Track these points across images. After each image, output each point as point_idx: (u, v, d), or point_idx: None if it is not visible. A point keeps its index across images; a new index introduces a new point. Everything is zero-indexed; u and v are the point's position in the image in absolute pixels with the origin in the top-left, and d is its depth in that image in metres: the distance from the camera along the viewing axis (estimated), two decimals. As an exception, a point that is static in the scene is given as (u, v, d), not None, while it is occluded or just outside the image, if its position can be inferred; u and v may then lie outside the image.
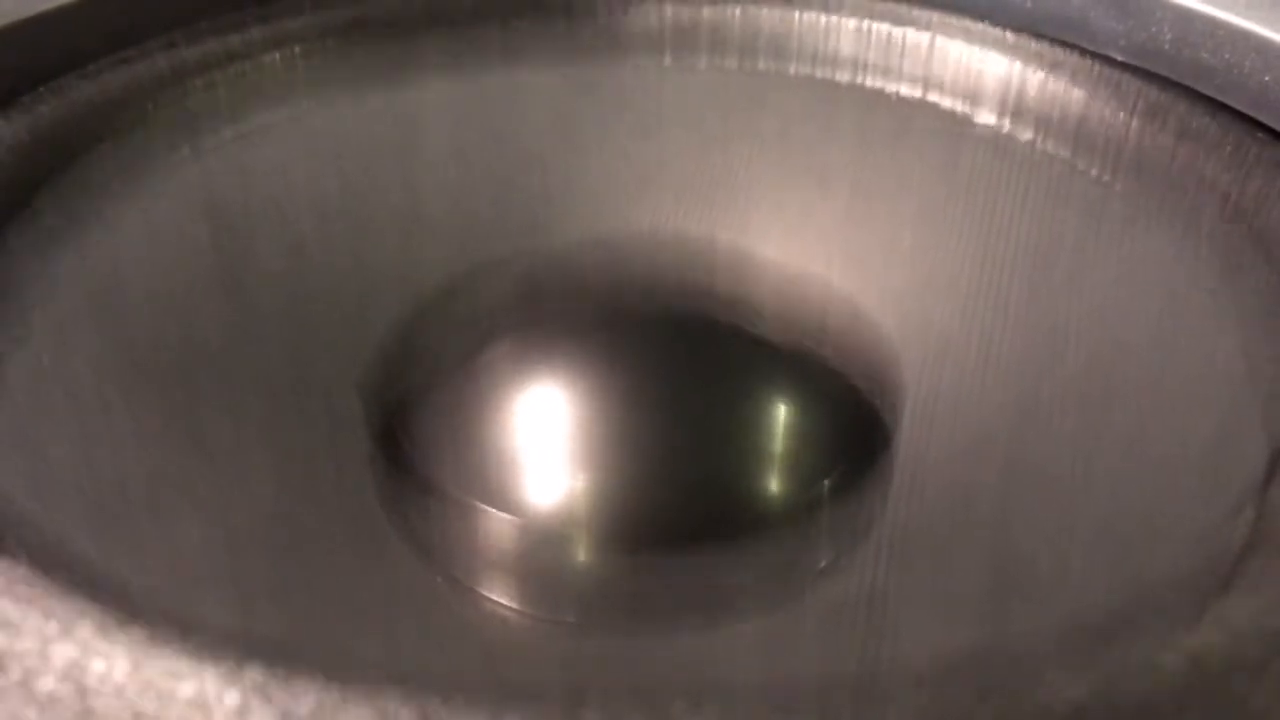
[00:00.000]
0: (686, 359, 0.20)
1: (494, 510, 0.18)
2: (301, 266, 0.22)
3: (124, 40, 0.23)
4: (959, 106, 0.23)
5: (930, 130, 0.23)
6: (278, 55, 0.23)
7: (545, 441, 0.20)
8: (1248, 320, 0.18)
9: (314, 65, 0.24)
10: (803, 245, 0.22)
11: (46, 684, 0.11)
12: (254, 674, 0.11)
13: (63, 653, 0.11)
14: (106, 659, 0.11)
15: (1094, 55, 0.24)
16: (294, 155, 0.23)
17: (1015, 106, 0.23)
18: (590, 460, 0.19)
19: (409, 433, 0.20)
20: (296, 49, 0.24)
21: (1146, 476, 0.16)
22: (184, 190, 0.21)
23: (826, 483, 0.18)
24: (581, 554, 0.18)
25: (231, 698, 0.11)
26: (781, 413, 0.20)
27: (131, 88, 0.22)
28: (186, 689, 0.11)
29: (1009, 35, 0.23)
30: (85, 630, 0.11)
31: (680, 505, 0.18)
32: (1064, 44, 0.24)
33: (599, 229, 0.23)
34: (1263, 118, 0.22)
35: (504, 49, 0.25)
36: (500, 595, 0.18)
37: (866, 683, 0.12)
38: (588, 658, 0.16)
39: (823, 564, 0.18)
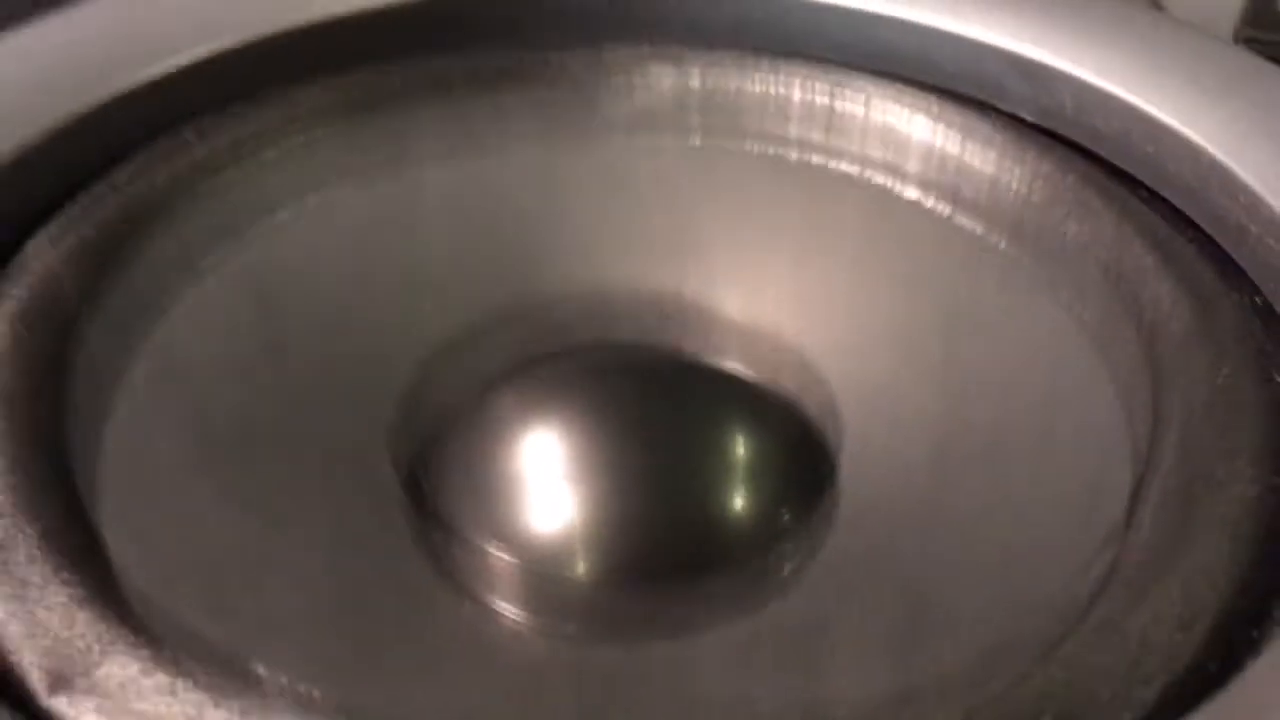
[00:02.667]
0: (660, 403, 0.24)
1: (503, 549, 0.22)
2: (327, 334, 0.25)
3: (159, 128, 0.26)
4: (888, 182, 0.27)
5: (864, 202, 0.26)
6: (300, 139, 0.27)
7: (544, 482, 0.23)
8: (1121, 381, 0.21)
9: (326, 145, 0.27)
10: (756, 300, 0.26)
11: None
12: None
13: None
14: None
15: (1008, 115, 0.28)
16: (315, 234, 0.26)
17: (936, 181, 0.26)
18: (584, 496, 0.23)
19: (431, 482, 0.23)
20: (311, 132, 0.27)
21: (1033, 517, 0.20)
22: (226, 274, 0.24)
23: (783, 513, 0.22)
24: (578, 580, 0.22)
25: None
26: (749, 453, 0.24)
27: (172, 178, 0.25)
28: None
29: (933, 103, 0.27)
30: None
31: (659, 536, 0.22)
32: (981, 104, 0.28)
33: (581, 285, 0.26)
34: (1144, 179, 0.26)
35: (493, 119, 0.28)
36: (515, 614, 0.22)
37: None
38: (587, 667, 0.20)
39: (779, 581, 0.22)
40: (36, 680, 0.16)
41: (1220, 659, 0.16)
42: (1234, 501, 0.18)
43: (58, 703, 0.16)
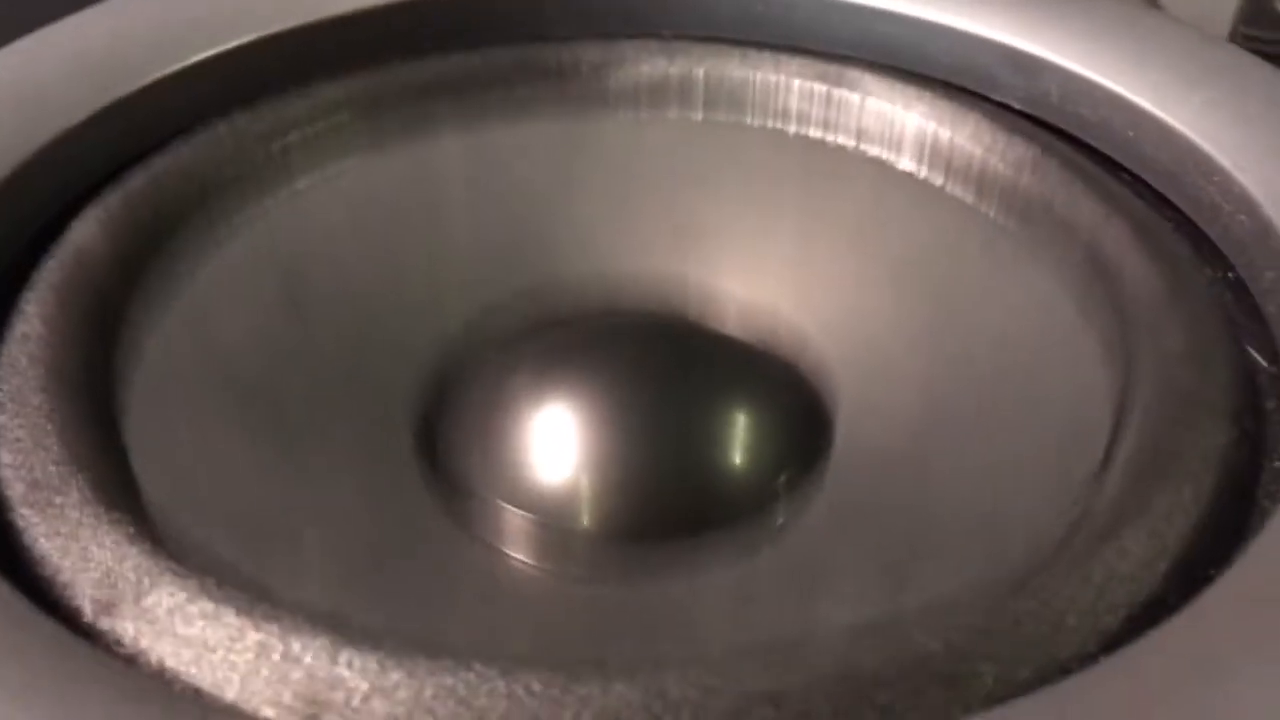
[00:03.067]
0: (665, 372, 0.25)
1: (512, 503, 0.24)
2: (350, 303, 0.26)
3: (190, 118, 0.28)
4: (884, 154, 0.28)
5: (860, 175, 0.28)
6: (322, 125, 0.28)
7: (551, 440, 0.25)
8: (1102, 342, 0.23)
9: (349, 131, 0.29)
10: (757, 273, 0.27)
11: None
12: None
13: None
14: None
15: (997, 104, 0.29)
16: (338, 210, 0.27)
17: (930, 155, 0.28)
18: (593, 457, 0.24)
19: (444, 441, 0.25)
20: (334, 119, 0.28)
21: (1017, 468, 0.22)
22: (255, 245, 0.26)
23: (783, 467, 0.24)
24: (585, 530, 0.23)
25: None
26: (749, 411, 0.25)
27: (204, 160, 0.26)
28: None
29: (926, 93, 0.28)
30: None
31: (669, 489, 0.23)
32: (972, 94, 0.29)
33: (590, 264, 0.28)
34: (1125, 163, 0.27)
35: (507, 106, 0.30)
36: (524, 560, 0.23)
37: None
38: (594, 604, 0.21)
39: (776, 530, 0.23)
40: (88, 607, 0.17)
41: (1180, 593, 0.17)
42: (1199, 453, 0.19)
43: (106, 624, 0.17)
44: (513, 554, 0.23)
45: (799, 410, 0.25)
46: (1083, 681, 0.15)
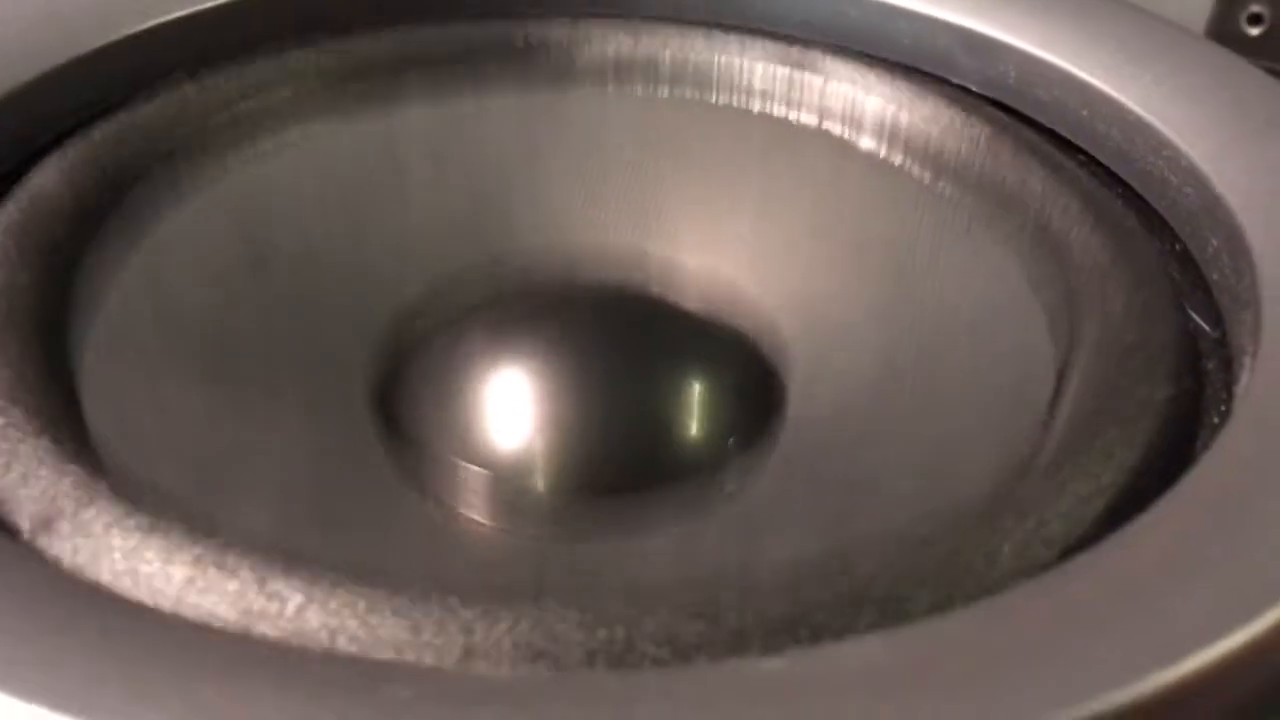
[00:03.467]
0: (622, 340, 0.26)
1: (466, 460, 0.24)
2: (310, 263, 0.27)
3: (158, 77, 0.28)
4: (845, 133, 0.29)
5: (822, 152, 0.28)
6: (287, 91, 0.28)
7: (507, 402, 0.25)
8: (1049, 306, 0.23)
9: (314, 98, 0.29)
10: (716, 246, 0.28)
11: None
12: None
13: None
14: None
15: (956, 86, 0.30)
16: (301, 172, 0.28)
17: (889, 135, 0.28)
18: (546, 416, 0.24)
19: (401, 401, 0.25)
20: (300, 85, 0.29)
21: (964, 423, 0.22)
22: (216, 202, 0.26)
23: (734, 430, 0.24)
24: (538, 490, 0.23)
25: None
26: (699, 376, 0.25)
27: (169, 117, 0.27)
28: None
29: (886, 75, 0.29)
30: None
31: (619, 448, 0.24)
32: (932, 77, 0.30)
33: (554, 237, 0.28)
34: (1081, 143, 0.28)
35: (472, 82, 0.30)
36: (477, 517, 0.23)
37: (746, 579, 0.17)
38: (548, 560, 0.21)
39: (728, 489, 0.23)
40: (26, 524, 0.17)
41: (1112, 530, 0.17)
42: (1137, 405, 0.20)
43: (45, 541, 0.17)
44: (461, 508, 0.23)
45: (751, 375, 0.25)
46: (1005, 600, 0.15)
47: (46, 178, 0.24)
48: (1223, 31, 0.46)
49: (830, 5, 0.31)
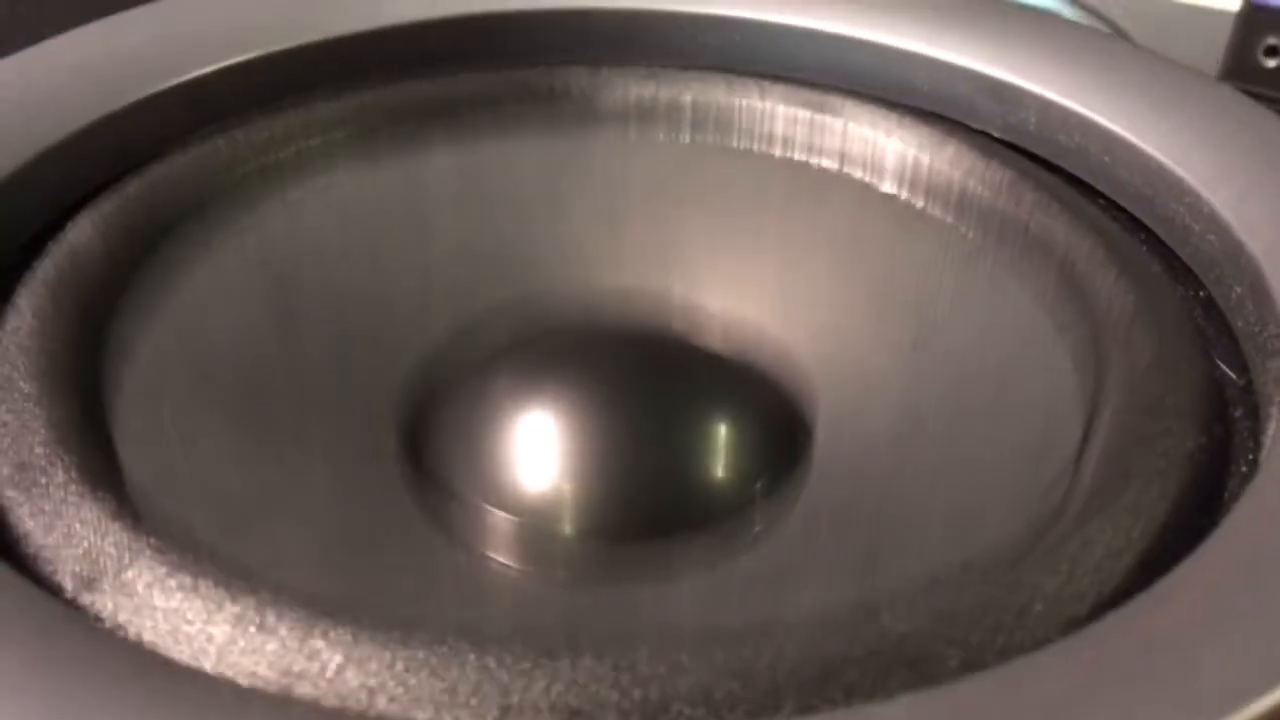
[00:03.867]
0: (646, 384, 0.26)
1: (494, 505, 0.24)
2: (339, 310, 0.27)
3: (187, 131, 0.28)
4: (866, 177, 0.29)
5: (843, 196, 0.29)
6: (315, 140, 0.29)
7: (534, 446, 0.25)
8: (1075, 352, 0.23)
9: (341, 147, 0.29)
10: (741, 291, 0.28)
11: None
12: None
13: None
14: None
15: (977, 132, 0.30)
16: (329, 221, 0.28)
17: (911, 179, 0.28)
18: (573, 460, 0.25)
19: (429, 445, 0.25)
20: (327, 134, 0.29)
21: (990, 470, 0.22)
22: (246, 251, 0.26)
23: (760, 474, 0.24)
24: (565, 535, 0.24)
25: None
26: (726, 420, 0.26)
27: (199, 170, 0.27)
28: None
29: (907, 120, 0.29)
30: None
31: (646, 492, 0.24)
32: (952, 122, 0.30)
33: (578, 280, 0.28)
34: (1101, 188, 0.28)
35: (495, 126, 0.30)
36: (504, 561, 0.23)
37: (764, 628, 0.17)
38: (577, 608, 0.21)
39: (756, 533, 0.23)
40: (69, 583, 0.18)
41: (1145, 585, 0.18)
42: (1166, 455, 0.20)
43: (88, 599, 0.17)
44: (489, 552, 0.23)
45: (776, 419, 0.25)
46: (1038, 659, 0.15)
47: (81, 232, 0.24)
48: (1240, 63, 0.46)
49: (849, 52, 0.31)
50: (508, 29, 0.32)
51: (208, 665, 0.16)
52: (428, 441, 0.25)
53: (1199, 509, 0.19)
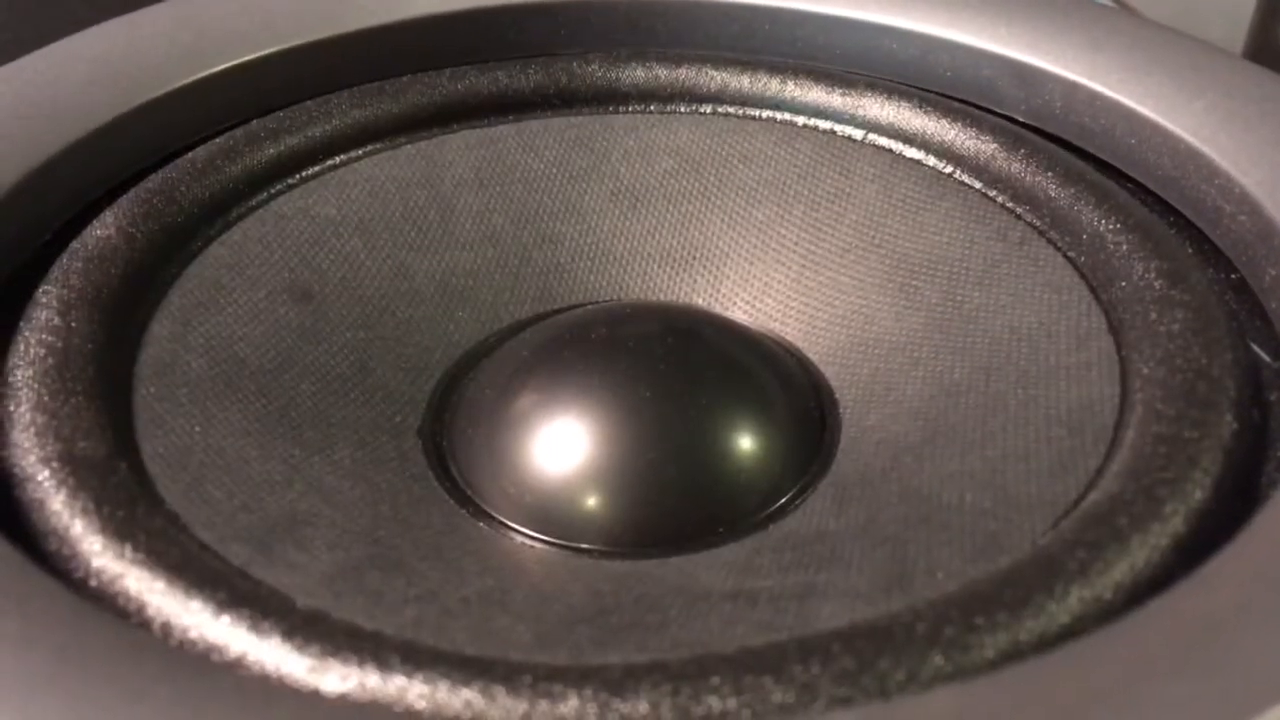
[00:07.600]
0: (671, 391, 0.25)
1: (521, 489, 0.24)
2: (362, 305, 0.27)
3: (208, 126, 0.28)
4: (893, 145, 0.28)
5: (870, 165, 0.28)
6: (336, 136, 0.29)
7: (561, 458, 0.24)
8: (1107, 341, 0.23)
9: (363, 142, 0.29)
10: (766, 268, 0.28)
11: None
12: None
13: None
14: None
15: (1002, 116, 0.30)
16: (350, 216, 0.28)
17: (938, 155, 0.28)
18: (597, 467, 0.24)
19: (457, 461, 0.25)
20: (349, 129, 0.29)
21: (1022, 440, 0.22)
22: (270, 249, 0.26)
23: (791, 447, 0.24)
24: (593, 508, 0.23)
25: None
26: (752, 404, 0.25)
27: (219, 164, 0.27)
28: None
29: (931, 105, 0.29)
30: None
31: (675, 483, 0.23)
32: (978, 106, 0.30)
33: (601, 292, 0.28)
34: (1128, 170, 0.27)
35: (517, 133, 0.30)
36: (531, 538, 0.23)
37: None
38: (599, 570, 0.21)
39: (781, 505, 0.23)
40: (92, 580, 0.18)
41: (1186, 572, 0.17)
42: (1203, 442, 0.19)
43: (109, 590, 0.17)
44: (516, 529, 0.23)
45: (804, 397, 0.25)
46: (1079, 648, 0.15)
47: (105, 228, 0.24)
48: (1263, 44, 0.45)
49: (872, 38, 0.31)
50: (526, 20, 0.32)
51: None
52: (451, 453, 0.25)
53: (1236, 493, 0.19)
